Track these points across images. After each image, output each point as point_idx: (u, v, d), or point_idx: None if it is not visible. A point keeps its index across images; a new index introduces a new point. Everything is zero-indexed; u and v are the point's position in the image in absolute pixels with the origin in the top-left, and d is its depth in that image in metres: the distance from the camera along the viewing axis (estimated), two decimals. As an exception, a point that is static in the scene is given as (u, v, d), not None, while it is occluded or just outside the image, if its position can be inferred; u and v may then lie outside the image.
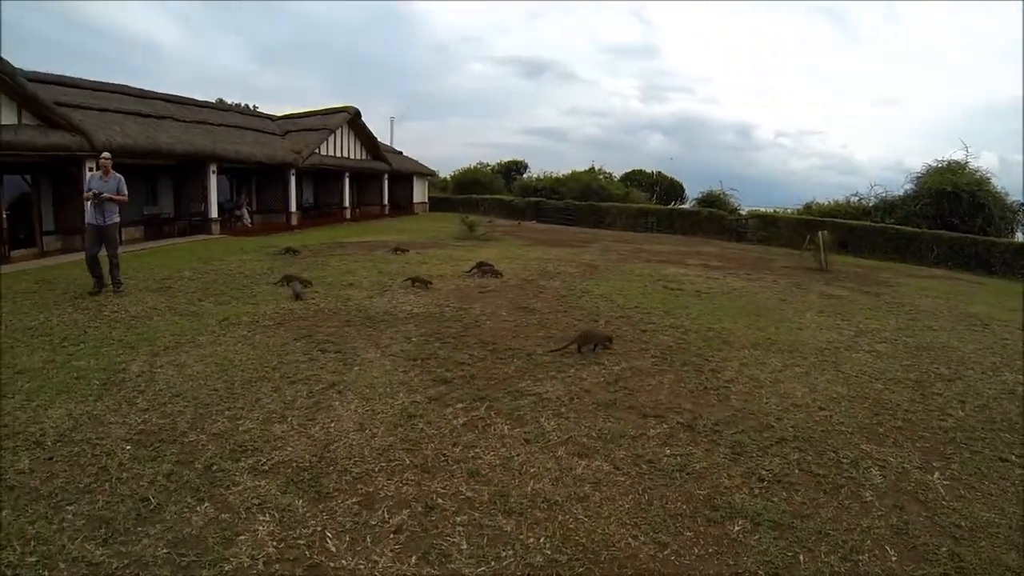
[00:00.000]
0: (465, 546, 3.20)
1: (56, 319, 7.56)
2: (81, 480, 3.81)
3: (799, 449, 4.41)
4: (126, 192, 9.32)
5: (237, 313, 7.91)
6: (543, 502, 3.62)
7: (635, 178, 42.60)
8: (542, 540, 3.26)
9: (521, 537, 3.28)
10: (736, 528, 3.41)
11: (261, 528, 3.32)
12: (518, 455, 4.21)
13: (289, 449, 4.22)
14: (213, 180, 19.33)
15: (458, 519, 3.44)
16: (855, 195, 27.06)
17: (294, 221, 23.10)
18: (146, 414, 4.77)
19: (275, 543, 3.20)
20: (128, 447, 4.22)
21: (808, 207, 28.19)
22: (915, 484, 4.01)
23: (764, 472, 4.04)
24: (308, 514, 3.47)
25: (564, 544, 3.23)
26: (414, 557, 3.11)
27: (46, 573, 2.96)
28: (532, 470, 4.01)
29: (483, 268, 11.36)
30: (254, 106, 39.12)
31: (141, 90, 20.05)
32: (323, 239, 17.56)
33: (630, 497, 3.70)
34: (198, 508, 3.50)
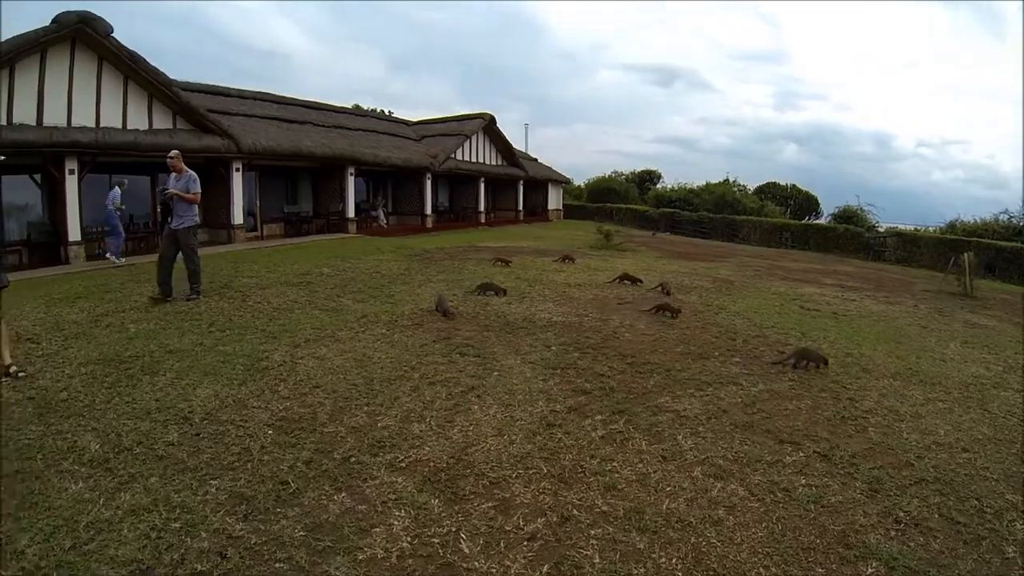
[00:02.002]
0: (598, 560, 3.19)
1: (204, 306, 8.35)
2: (225, 458, 4.14)
3: (940, 492, 4.08)
4: (198, 191, 8.96)
5: (376, 311, 8.32)
6: (677, 522, 3.58)
7: (769, 191, 42.37)
8: (674, 561, 3.21)
9: (654, 556, 3.25)
10: (869, 571, 3.21)
11: (396, 523, 3.44)
12: (655, 472, 4.18)
13: (427, 448, 4.36)
14: (351, 182, 20.71)
15: (592, 532, 3.45)
16: (1004, 212, 25.44)
17: (429, 223, 24.19)
18: (287, 402, 5.12)
19: (409, 538, 3.31)
20: (270, 432, 4.55)
21: (952, 225, 26.68)
22: (1059, 541, 3.59)
23: (901, 513, 3.79)
24: (443, 514, 3.56)
25: (696, 567, 3.16)
26: (546, 566, 3.12)
27: (188, 539, 3.23)
28: (668, 488, 3.97)
29: (627, 278, 11.54)
30: (389, 111, 41.55)
31: (282, 97, 22.04)
32: (459, 242, 18.19)
33: (763, 525, 3.58)
34: (335, 497, 3.69)
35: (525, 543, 3.32)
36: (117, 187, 13.53)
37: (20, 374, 5.57)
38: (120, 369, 5.81)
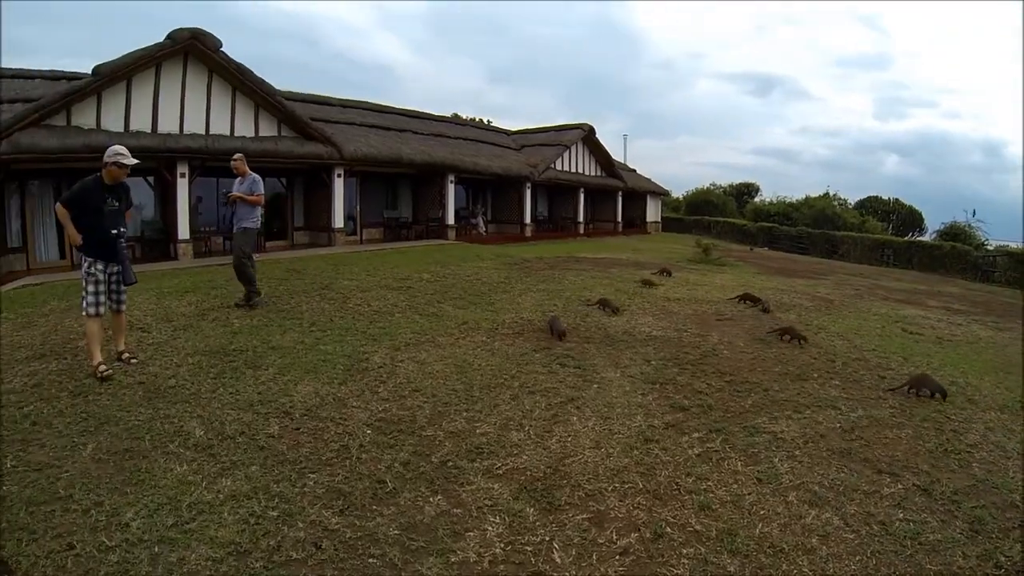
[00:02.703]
0: None
1: (305, 305, 8.71)
2: (324, 454, 4.29)
3: None
4: (261, 192, 8.69)
5: (476, 319, 8.43)
6: (770, 547, 3.46)
7: (870, 205, 41.23)
8: None
9: None
10: None
11: (490, 528, 3.46)
12: (749, 494, 4.05)
13: (524, 457, 4.36)
14: (451, 189, 21.19)
15: (684, 551, 3.38)
16: None
17: (528, 232, 24.40)
18: (387, 403, 5.25)
19: (503, 545, 3.32)
20: (368, 431, 4.68)
21: None
22: None
23: (1003, 558, 3.49)
24: (538, 523, 3.56)
25: None
26: None
27: (285, 528, 3.36)
28: (762, 512, 3.85)
29: (749, 299, 11.13)
30: (488, 120, 42.35)
31: (383, 106, 22.94)
32: (558, 252, 18.25)
33: (857, 558, 3.41)
34: (431, 499, 3.75)
35: (617, 557, 3.29)
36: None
37: (132, 360, 6.00)
38: (224, 361, 6.14)
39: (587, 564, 3.21)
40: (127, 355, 6.03)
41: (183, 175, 14.73)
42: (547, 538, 3.41)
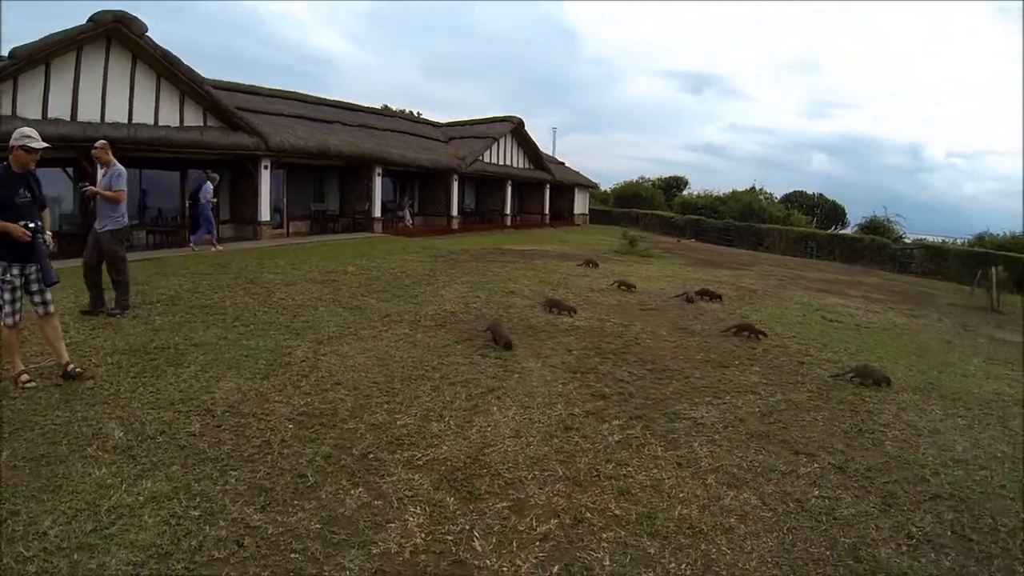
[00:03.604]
0: (608, 563, 3.22)
1: (229, 300, 8.51)
2: (245, 450, 4.23)
3: (954, 509, 4.05)
4: (122, 188, 7.72)
5: (399, 311, 8.41)
6: (689, 528, 3.60)
7: (796, 200, 42.58)
8: (684, 567, 3.23)
9: (663, 561, 3.27)
10: None
11: (411, 519, 3.49)
12: (669, 478, 4.21)
13: (445, 448, 4.41)
14: (378, 181, 20.92)
15: (604, 535, 3.48)
16: None
17: (454, 225, 24.34)
18: (309, 397, 5.20)
19: (423, 535, 3.36)
20: (290, 426, 4.63)
21: (981, 238, 26.60)
22: (1077, 567, 3.53)
23: (914, 529, 3.76)
24: (458, 512, 3.61)
25: (704, 573, 3.19)
26: (556, 567, 3.16)
27: (207, 527, 3.30)
28: (681, 495, 4.00)
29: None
30: (419, 113, 41.92)
31: (311, 96, 22.44)
32: (484, 244, 18.29)
33: (774, 535, 3.59)
34: (352, 492, 3.75)
35: (537, 543, 3.36)
36: (209, 182, 14.63)
37: (78, 371, 5.40)
38: (145, 359, 5.94)
39: (507, 551, 3.27)
40: (73, 367, 5.40)
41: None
42: (467, 527, 3.46)
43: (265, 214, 17.34)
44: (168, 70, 14.82)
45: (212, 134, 15.69)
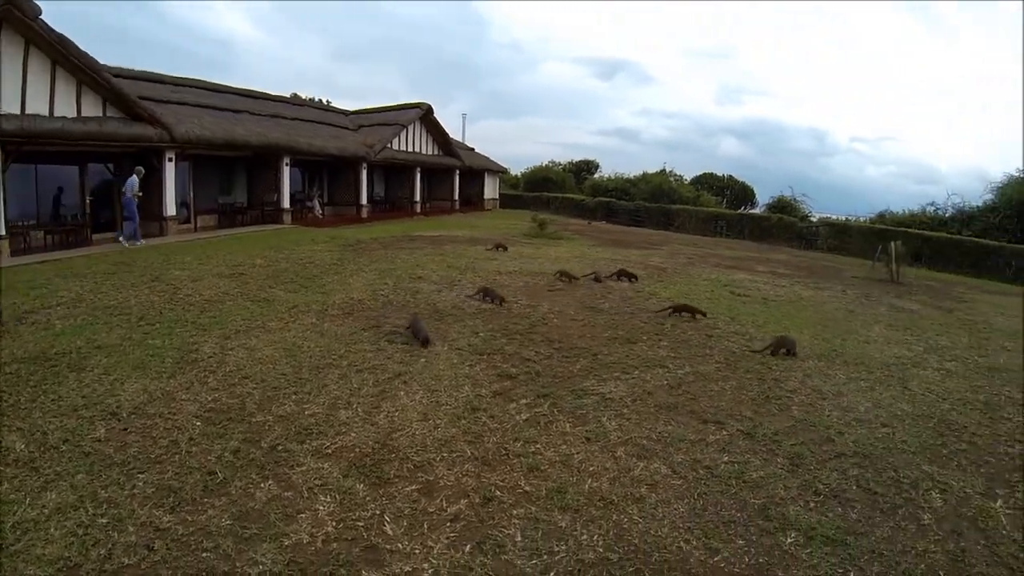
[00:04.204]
0: (520, 538, 3.29)
1: (134, 299, 8.08)
2: (153, 451, 4.08)
3: (858, 465, 4.33)
4: None
5: (307, 301, 8.23)
6: (599, 500, 3.70)
7: (706, 181, 42.84)
8: (596, 538, 3.34)
9: (575, 533, 3.36)
10: (788, 540, 3.40)
11: (322, 508, 3.49)
12: (578, 453, 4.30)
13: (353, 435, 4.40)
14: (286, 172, 20.17)
15: (515, 512, 3.55)
16: (931, 205, 26.74)
17: (364, 214, 23.83)
18: (216, 393, 5.06)
19: (334, 523, 3.36)
20: (198, 423, 4.50)
21: (881, 216, 27.84)
22: (976, 511, 3.84)
23: (821, 486, 4.00)
24: (368, 498, 3.62)
25: (617, 543, 3.30)
26: (468, 546, 3.22)
27: (115, 534, 3.19)
28: (591, 468, 4.10)
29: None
30: (328, 101, 40.60)
31: (218, 85, 21.27)
32: (394, 232, 18.05)
33: (685, 501, 3.74)
34: (262, 485, 3.70)
35: (448, 524, 3.40)
36: (135, 175, 14.16)
37: None
38: (46, 367, 5.59)
39: (418, 533, 3.30)
40: None
41: (-4, 161, 12.86)
42: (378, 512, 3.47)
43: (171, 209, 16.38)
44: (64, 56, 13.59)
45: (112, 125, 14.60)
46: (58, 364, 5.66)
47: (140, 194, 14.39)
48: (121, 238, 14.21)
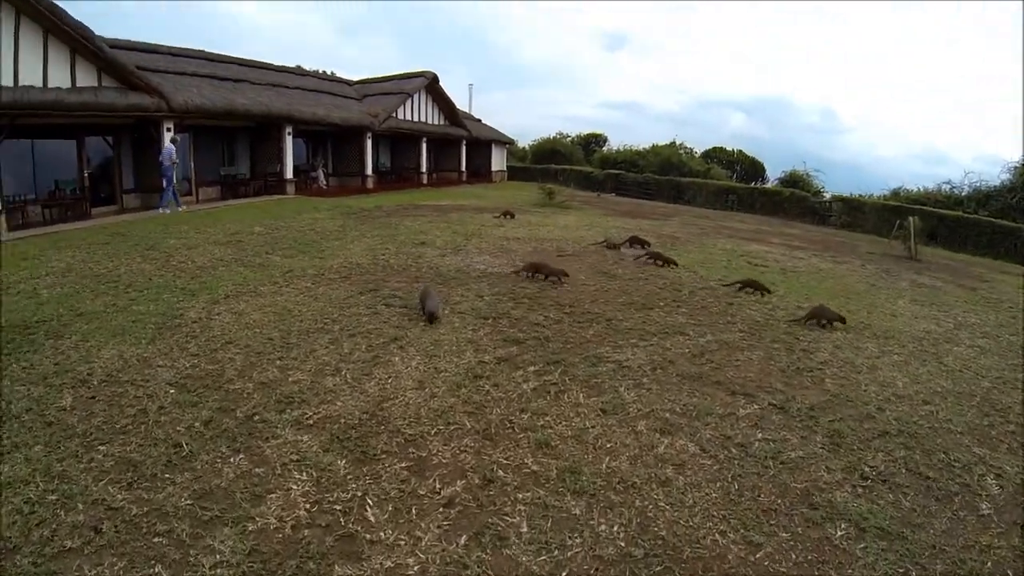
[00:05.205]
0: (525, 529, 2.80)
1: (124, 268, 7.65)
2: (118, 421, 3.67)
3: (904, 446, 3.82)
4: None
5: (303, 266, 7.76)
6: (619, 483, 3.19)
7: (716, 155, 41.67)
8: (616, 528, 2.84)
9: (591, 523, 2.87)
10: (839, 533, 2.91)
11: (295, 487, 3.03)
12: (593, 427, 3.78)
13: (339, 404, 3.93)
14: (288, 141, 19.62)
15: (520, 496, 3.05)
16: (947, 183, 25.66)
17: (369, 184, 23.26)
18: (195, 359, 4.63)
19: (308, 505, 2.90)
20: (171, 391, 4.07)
21: (895, 193, 26.84)
22: (1035, 500, 3.32)
23: (867, 468, 3.49)
24: (349, 476, 3.15)
25: (641, 535, 2.80)
26: (464, 537, 2.73)
27: (62, 513, 2.79)
28: (608, 445, 3.58)
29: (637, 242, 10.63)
30: (331, 72, 39.75)
31: (218, 55, 20.57)
32: (399, 201, 17.52)
33: (718, 485, 3.22)
34: (231, 459, 3.26)
35: (441, 510, 2.92)
36: (171, 144, 14.34)
37: None
38: (23, 335, 5.19)
39: (405, 520, 2.82)
40: None
41: (-12, 134, 12.40)
42: (359, 493, 3.01)
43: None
44: (56, 25, 13.09)
45: (108, 95, 14.08)
46: (36, 332, 5.26)
47: (176, 162, 14.48)
48: (161, 208, 14.12)
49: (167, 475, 3.09)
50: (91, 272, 7.42)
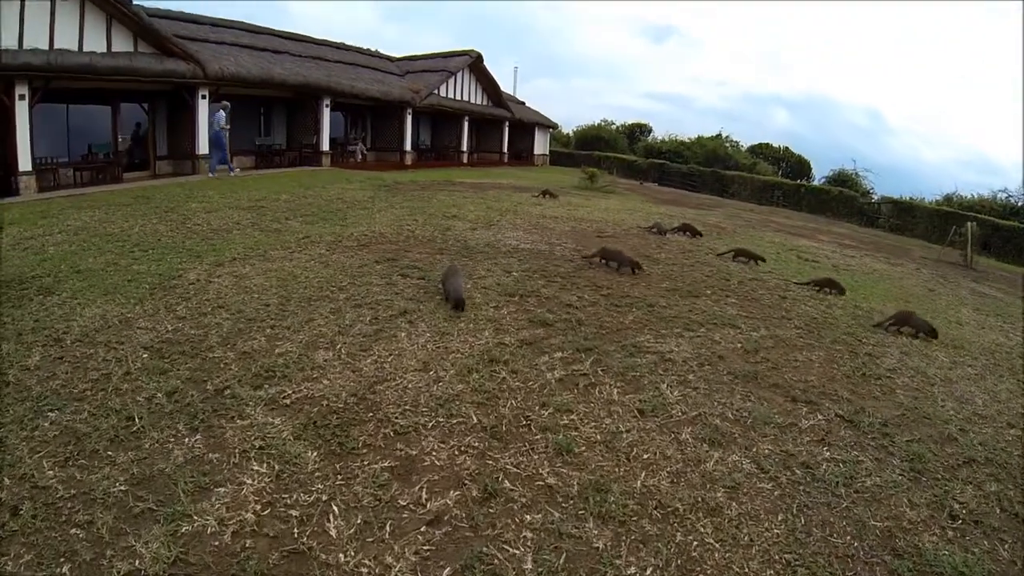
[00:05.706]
0: (529, 565, 2.15)
1: (138, 228, 7.28)
2: (77, 385, 3.22)
3: (995, 478, 3.09)
4: None
5: (321, 232, 7.27)
6: (657, 508, 2.51)
7: (762, 151, 40.50)
8: (650, 571, 2.17)
9: (618, 562, 2.20)
10: None
11: (250, 482, 2.49)
12: (628, 431, 3.11)
13: (325, 382, 3.38)
14: (326, 113, 19.25)
15: (528, 518, 2.40)
16: (1003, 191, 24.58)
17: (408, 160, 22.79)
18: (181, 322, 4.15)
19: (259, 507, 2.35)
20: (145, 355, 3.61)
21: (948, 199, 25.72)
22: None
23: (956, 505, 2.78)
24: (317, 473, 2.59)
25: None
26: (447, 570, 2.10)
27: (-21, 489, 2.31)
28: (646, 456, 2.89)
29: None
30: (375, 49, 39.40)
31: (259, 27, 20.25)
32: (435, 177, 16.98)
33: (780, 517, 2.53)
34: (185, 440, 2.75)
35: (423, 529, 2.29)
36: (222, 110, 14.31)
37: None
38: (16, 290, 4.81)
39: (375, 540, 2.21)
40: None
41: (23, 97, 12.14)
42: (324, 497, 2.42)
43: (204, 147, 15.65)
44: None
45: (143, 60, 13.88)
46: (28, 288, 4.87)
47: (228, 127, 14.55)
48: (212, 173, 14.34)
49: (108, 452, 2.60)
50: (103, 232, 7.06)
